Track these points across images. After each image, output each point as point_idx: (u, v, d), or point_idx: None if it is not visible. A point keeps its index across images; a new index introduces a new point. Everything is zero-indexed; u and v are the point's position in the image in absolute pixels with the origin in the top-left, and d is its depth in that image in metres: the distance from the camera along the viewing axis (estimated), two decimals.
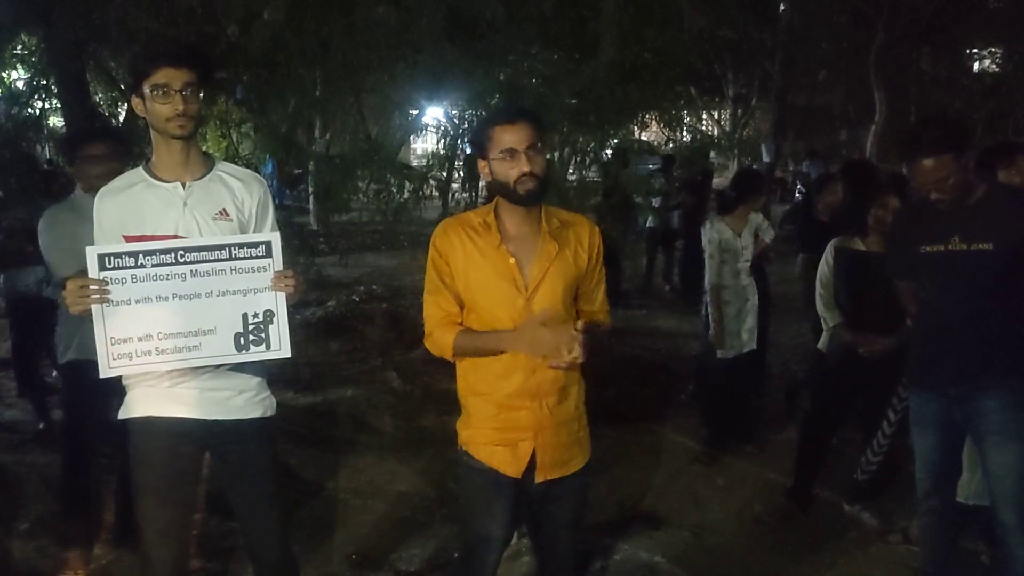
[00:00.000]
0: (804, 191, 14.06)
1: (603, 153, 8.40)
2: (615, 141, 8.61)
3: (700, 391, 6.22)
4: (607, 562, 4.06)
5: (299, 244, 7.70)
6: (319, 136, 12.31)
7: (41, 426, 5.77)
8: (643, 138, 10.44)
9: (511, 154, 2.53)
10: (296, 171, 11.30)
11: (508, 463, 2.67)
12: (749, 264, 5.41)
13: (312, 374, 6.96)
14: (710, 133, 12.33)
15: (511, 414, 2.66)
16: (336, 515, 4.53)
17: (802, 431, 4.76)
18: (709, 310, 5.42)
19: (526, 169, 2.52)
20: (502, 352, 2.61)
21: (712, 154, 10.85)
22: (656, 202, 10.23)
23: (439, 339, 2.69)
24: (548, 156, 3.02)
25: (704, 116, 11.53)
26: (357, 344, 8.19)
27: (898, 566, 4.05)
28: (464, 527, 2.90)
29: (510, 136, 2.54)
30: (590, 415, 2.81)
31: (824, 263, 4.51)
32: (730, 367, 5.44)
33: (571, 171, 8.69)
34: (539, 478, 2.69)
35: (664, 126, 9.07)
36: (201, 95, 2.59)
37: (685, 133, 9.83)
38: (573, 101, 7.22)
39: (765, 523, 4.49)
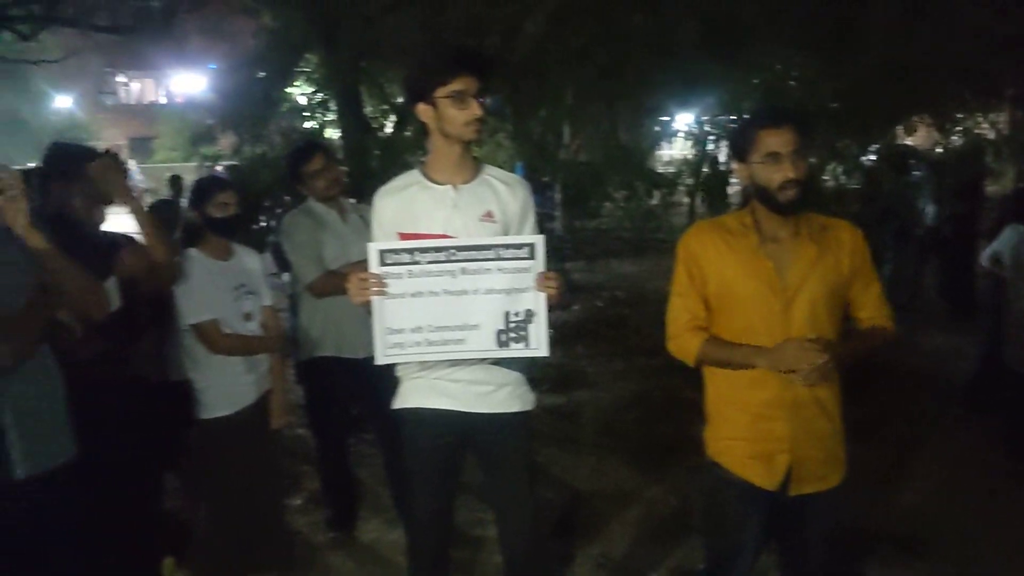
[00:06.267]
0: None
1: (865, 158, 7.96)
2: (877, 145, 8.15)
3: (977, 407, 5.77)
4: None
5: (548, 249, 7.86)
6: (568, 143, 12.56)
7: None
8: (909, 142, 9.80)
9: (775, 158, 2.45)
10: (544, 179, 11.59)
11: (763, 476, 2.59)
12: None
13: (558, 375, 7.09)
14: (986, 136, 11.35)
15: (766, 424, 2.57)
16: (581, 515, 4.58)
17: None
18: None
19: (790, 175, 2.44)
20: (749, 367, 2.55)
21: (988, 159, 9.98)
22: (928, 210, 9.54)
23: (684, 343, 2.66)
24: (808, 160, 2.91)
25: (980, 118, 10.58)
26: (601, 348, 8.25)
27: None
28: (713, 540, 2.84)
29: (775, 140, 2.46)
30: (846, 430, 2.67)
31: None
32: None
33: (826, 177, 8.32)
34: (793, 492, 2.59)
35: (935, 129, 8.45)
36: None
37: (957, 136, 9.13)
38: (834, 104, 6.91)
39: None
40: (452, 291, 2.62)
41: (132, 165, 23.88)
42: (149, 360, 3.63)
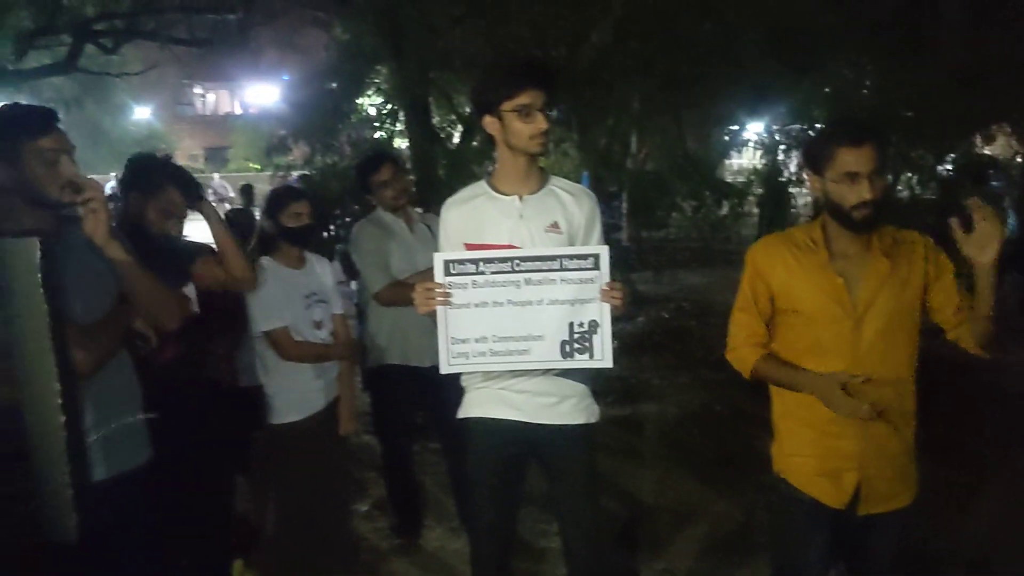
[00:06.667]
0: None
1: (942, 168, 7.76)
2: (954, 155, 7.94)
3: None
4: None
5: (613, 260, 7.85)
6: (634, 152, 12.51)
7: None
8: (987, 152, 9.53)
9: (853, 178, 2.39)
10: (610, 188, 11.57)
11: (830, 494, 2.55)
12: None
13: (623, 387, 7.06)
14: None
15: (833, 442, 2.53)
16: (645, 529, 4.55)
17: None
18: None
19: (866, 196, 2.38)
20: (800, 391, 2.51)
21: None
22: (1009, 223, 9.27)
23: (742, 356, 2.66)
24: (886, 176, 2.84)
25: None
26: (667, 360, 8.19)
27: None
28: (778, 558, 2.80)
29: (854, 158, 2.38)
30: (919, 448, 2.62)
31: None
32: None
33: (900, 187, 8.14)
34: (862, 511, 2.54)
35: (1015, 139, 8.21)
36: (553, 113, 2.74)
37: None
38: (908, 112, 6.76)
39: None
40: (516, 301, 2.63)
41: (215, 175, 24.56)
42: (222, 365, 3.70)
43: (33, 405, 2.13)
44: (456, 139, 9.62)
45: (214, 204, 3.37)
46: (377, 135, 9.10)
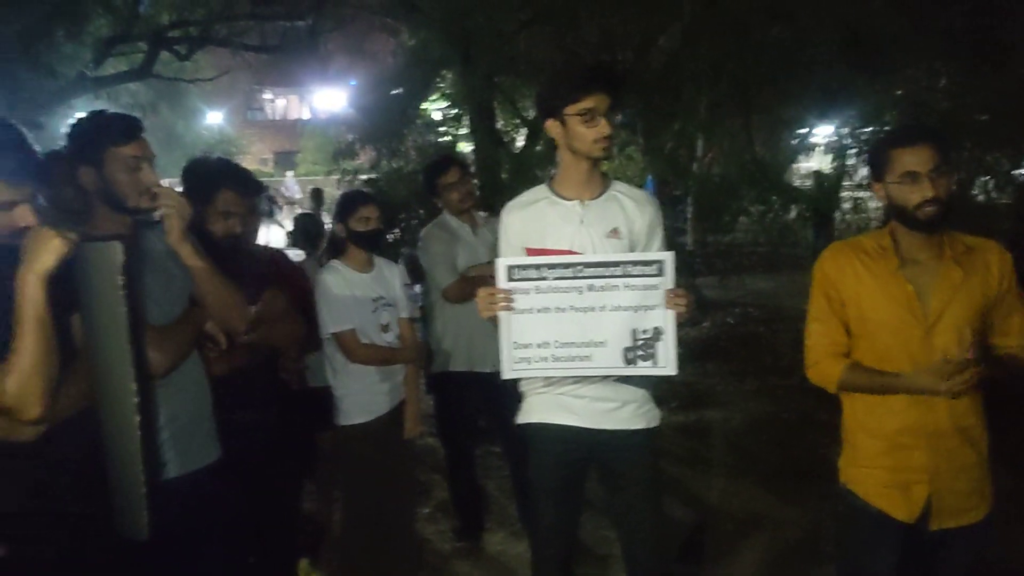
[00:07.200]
0: None
1: (1018, 172, 7.53)
2: None
3: None
4: None
5: (678, 264, 7.79)
6: (700, 156, 12.41)
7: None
8: None
9: (912, 178, 2.38)
10: (676, 192, 11.50)
11: (899, 507, 2.50)
12: None
13: (687, 393, 7.00)
14: None
15: (903, 453, 2.48)
16: (708, 538, 4.51)
17: None
18: None
19: (928, 195, 2.35)
20: (891, 393, 2.46)
21: None
22: None
23: (824, 370, 2.60)
24: (953, 177, 2.78)
25: None
26: (732, 367, 8.10)
27: None
28: (844, 570, 2.75)
29: (911, 158, 2.38)
30: (994, 461, 2.55)
31: None
32: None
33: (976, 192, 7.93)
34: (933, 526, 2.49)
35: None
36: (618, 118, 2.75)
37: None
38: (983, 116, 6.58)
39: None
40: (579, 307, 2.62)
41: (288, 174, 25.07)
42: (292, 367, 3.77)
43: (110, 404, 2.20)
44: (520, 143, 9.66)
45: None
46: (441, 139, 9.18)
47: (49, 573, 2.08)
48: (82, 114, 2.56)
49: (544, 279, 2.63)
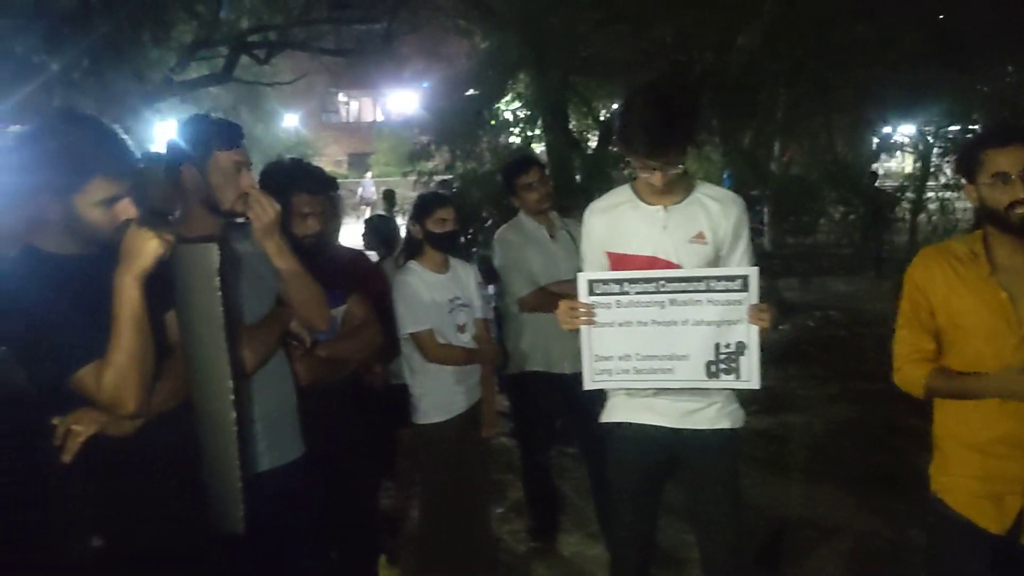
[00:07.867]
0: None
1: None
2: None
3: None
4: None
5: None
6: (779, 156, 12.21)
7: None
8: None
9: (1003, 179, 2.32)
10: (753, 192, 11.36)
11: (990, 518, 2.42)
12: None
13: (768, 397, 6.87)
14: None
15: (997, 463, 2.41)
16: (788, 544, 4.42)
17: None
18: None
19: (1020, 196, 2.29)
20: (983, 397, 2.39)
21: None
22: None
23: (909, 375, 2.54)
24: None
25: None
26: (814, 370, 7.94)
27: None
28: None
29: (1003, 159, 2.32)
30: None
31: None
32: None
33: None
34: None
35: None
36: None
37: None
38: None
39: None
40: (661, 321, 2.61)
41: (368, 174, 25.45)
42: (373, 367, 3.82)
43: (207, 401, 2.26)
44: (593, 144, 9.63)
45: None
46: (513, 140, 9.21)
47: (143, 566, 2.13)
48: (171, 118, 2.65)
49: (625, 294, 2.62)
